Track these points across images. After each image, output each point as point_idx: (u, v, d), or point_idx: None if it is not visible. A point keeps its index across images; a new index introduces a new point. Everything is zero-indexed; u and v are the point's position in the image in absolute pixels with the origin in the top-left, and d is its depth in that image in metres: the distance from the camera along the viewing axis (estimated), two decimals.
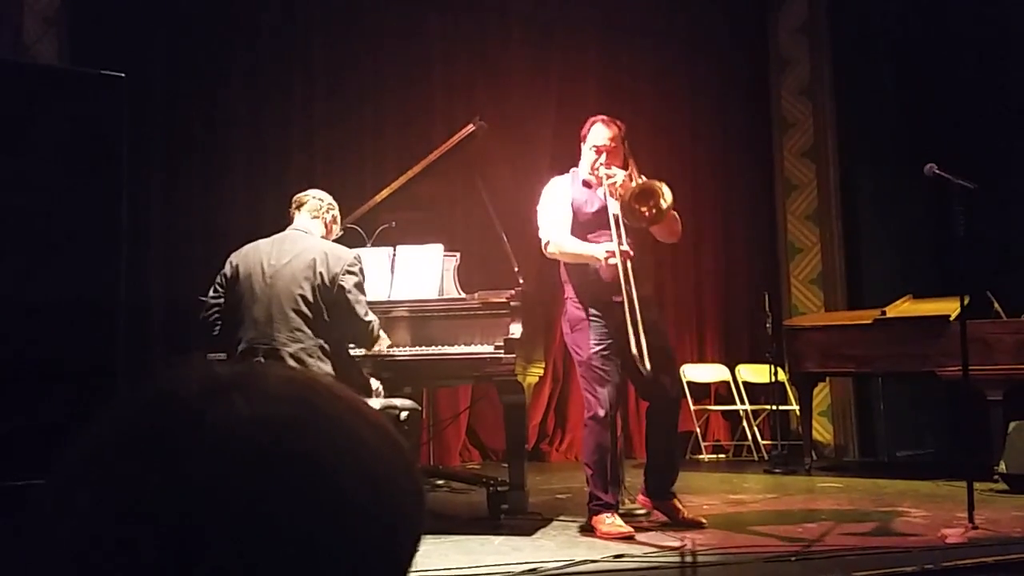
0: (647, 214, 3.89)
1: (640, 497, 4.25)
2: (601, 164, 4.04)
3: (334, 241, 3.92)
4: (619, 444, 4.23)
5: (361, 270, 3.67)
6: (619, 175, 3.97)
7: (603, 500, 3.93)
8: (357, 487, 0.54)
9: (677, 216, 4.07)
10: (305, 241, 3.68)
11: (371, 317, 3.68)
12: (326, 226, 3.85)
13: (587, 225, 4.07)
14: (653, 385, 4.05)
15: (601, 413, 3.94)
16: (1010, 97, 7.46)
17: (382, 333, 3.88)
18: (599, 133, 4.10)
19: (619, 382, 4.05)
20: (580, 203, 4.09)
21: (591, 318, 4.00)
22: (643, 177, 3.96)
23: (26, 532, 0.53)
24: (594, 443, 3.96)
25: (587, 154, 4.12)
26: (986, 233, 6.06)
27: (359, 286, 3.64)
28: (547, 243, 4.07)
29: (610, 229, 3.94)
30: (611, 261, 3.86)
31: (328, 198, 3.90)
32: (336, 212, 3.92)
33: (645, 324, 3.89)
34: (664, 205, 3.88)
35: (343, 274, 3.57)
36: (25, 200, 3.19)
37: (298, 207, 3.85)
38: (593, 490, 3.96)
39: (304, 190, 4.00)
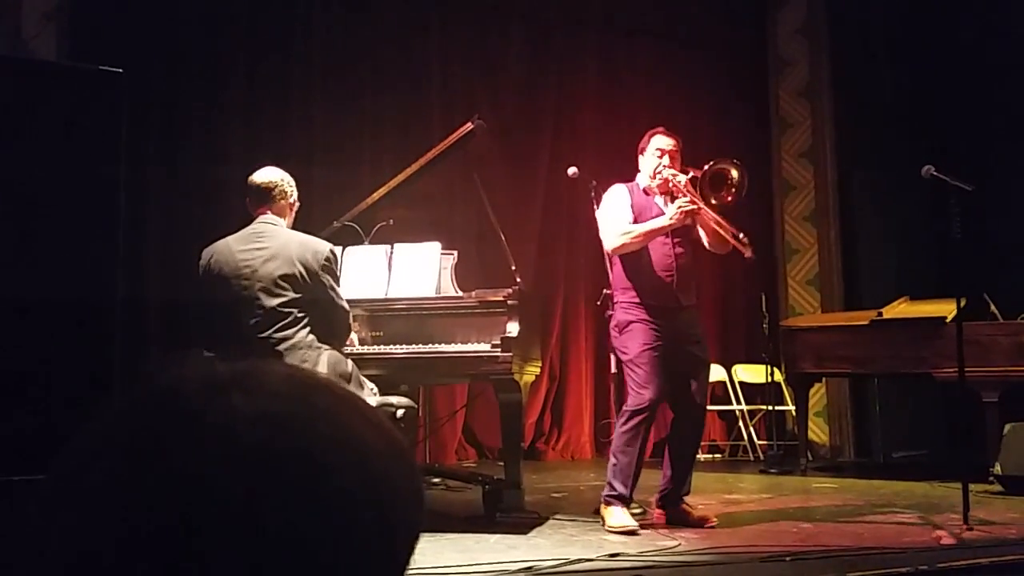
0: (728, 197, 4.09)
1: (656, 512, 4.26)
2: (665, 166, 4.19)
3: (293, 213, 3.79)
4: (647, 443, 4.27)
5: (336, 260, 3.66)
6: (682, 177, 4.15)
7: (618, 492, 4.01)
8: (356, 484, 0.54)
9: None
10: (278, 236, 3.57)
11: (347, 307, 3.69)
12: (290, 207, 3.71)
13: None
14: (685, 395, 4.17)
15: (644, 407, 4.01)
16: (1008, 99, 7.47)
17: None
18: (661, 140, 4.27)
19: (661, 384, 4.08)
20: (640, 209, 4.20)
21: (642, 321, 4.09)
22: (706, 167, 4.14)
23: (23, 530, 0.53)
24: (630, 436, 4.03)
25: (649, 160, 4.26)
26: (983, 235, 6.08)
27: (336, 278, 3.64)
28: (617, 236, 4.13)
29: (667, 236, 4.14)
30: (685, 209, 4.04)
31: (286, 176, 3.71)
32: (294, 188, 3.73)
33: (689, 333, 4.19)
34: (736, 176, 4.07)
35: (321, 267, 3.54)
36: (22, 196, 3.19)
37: (259, 196, 3.66)
38: (611, 480, 4.04)
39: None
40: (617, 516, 3.95)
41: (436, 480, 5.42)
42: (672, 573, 3.10)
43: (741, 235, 4.09)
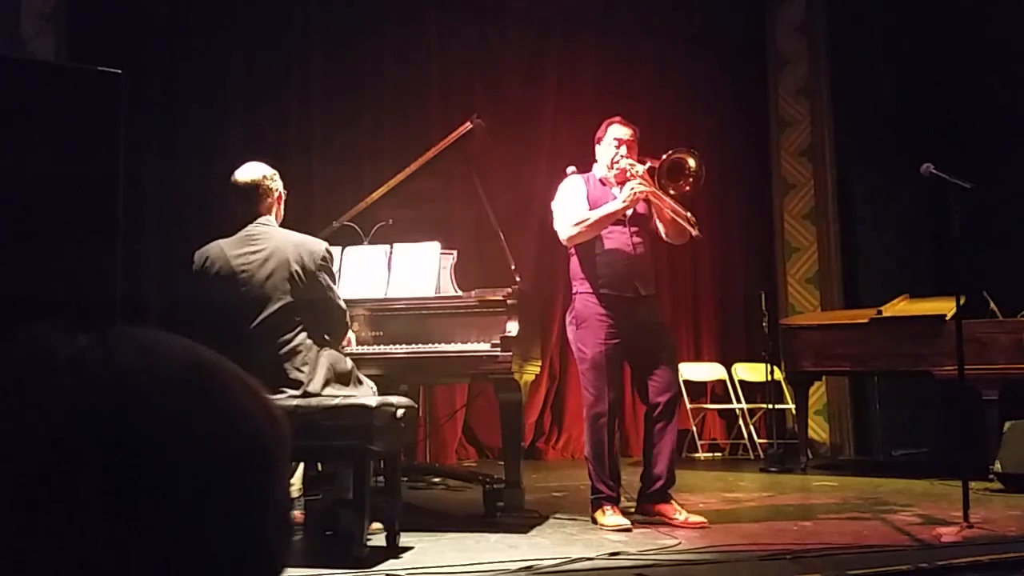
0: (686, 187, 4.06)
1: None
2: (623, 156, 4.14)
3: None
4: (615, 441, 4.27)
5: (332, 258, 3.64)
6: (640, 167, 4.10)
7: (604, 493, 4.04)
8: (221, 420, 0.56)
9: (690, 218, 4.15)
10: (272, 238, 3.54)
11: (345, 306, 3.65)
12: (278, 201, 3.65)
13: None
14: (649, 387, 4.14)
15: (600, 410, 4.04)
16: (1006, 97, 7.47)
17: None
18: (618, 129, 4.22)
19: (619, 381, 4.14)
20: (595, 200, 4.16)
21: (599, 316, 4.07)
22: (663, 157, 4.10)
23: None
24: (593, 439, 4.07)
25: (606, 150, 4.22)
26: (982, 233, 6.08)
27: (333, 276, 3.63)
28: (571, 226, 4.09)
29: (624, 225, 4.11)
30: (638, 190, 4.00)
31: (267, 171, 3.63)
32: (278, 180, 3.65)
33: (649, 323, 4.13)
34: (693, 165, 4.05)
35: (318, 267, 3.52)
36: (19, 196, 3.18)
37: (244, 197, 3.61)
38: (594, 483, 4.08)
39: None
40: (610, 516, 3.98)
41: (436, 480, 5.42)
42: (672, 572, 3.10)
43: (690, 215, 4.10)
